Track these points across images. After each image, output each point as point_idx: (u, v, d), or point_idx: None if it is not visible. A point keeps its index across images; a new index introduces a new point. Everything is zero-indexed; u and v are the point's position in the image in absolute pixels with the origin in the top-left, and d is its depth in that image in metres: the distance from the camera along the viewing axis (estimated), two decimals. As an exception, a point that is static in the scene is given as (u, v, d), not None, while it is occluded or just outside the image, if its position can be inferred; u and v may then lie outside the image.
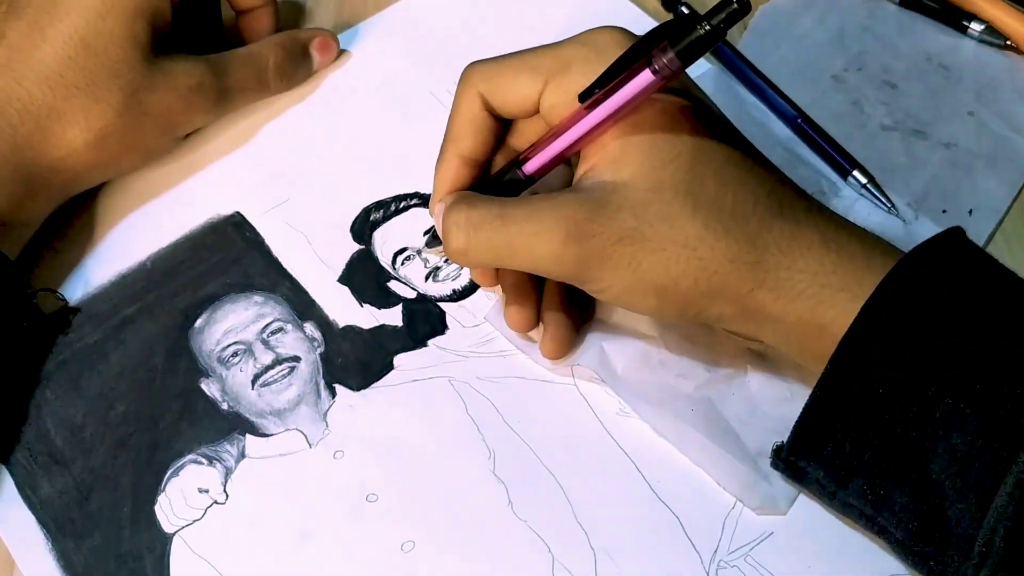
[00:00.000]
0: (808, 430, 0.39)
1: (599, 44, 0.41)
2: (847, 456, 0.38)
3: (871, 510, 0.38)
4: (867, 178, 0.51)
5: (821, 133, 0.53)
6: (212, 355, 0.47)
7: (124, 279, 0.49)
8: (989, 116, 0.54)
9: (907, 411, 0.36)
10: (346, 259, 0.50)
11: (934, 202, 0.51)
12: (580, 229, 0.38)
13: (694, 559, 0.42)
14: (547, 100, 0.41)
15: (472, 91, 0.43)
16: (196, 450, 0.45)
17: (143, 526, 0.43)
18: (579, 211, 0.38)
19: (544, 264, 0.39)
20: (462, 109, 0.43)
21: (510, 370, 0.47)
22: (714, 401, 0.45)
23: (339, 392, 0.46)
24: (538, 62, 0.41)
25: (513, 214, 0.39)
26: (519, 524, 0.43)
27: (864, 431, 0.37)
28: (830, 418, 0.38)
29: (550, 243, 0.38)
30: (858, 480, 0.38)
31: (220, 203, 0.52)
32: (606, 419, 0.45)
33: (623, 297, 0.40)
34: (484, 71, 0.43)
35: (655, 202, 0.38)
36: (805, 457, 0.39)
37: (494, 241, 0.40)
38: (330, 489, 0.44)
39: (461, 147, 0.43)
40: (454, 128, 0.43)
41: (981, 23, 0.56)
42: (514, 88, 0.42)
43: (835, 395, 0.38)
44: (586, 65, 0.40)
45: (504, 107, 0.43)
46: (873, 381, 0.37)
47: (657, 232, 0.38)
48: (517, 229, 0.39)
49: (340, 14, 0.59)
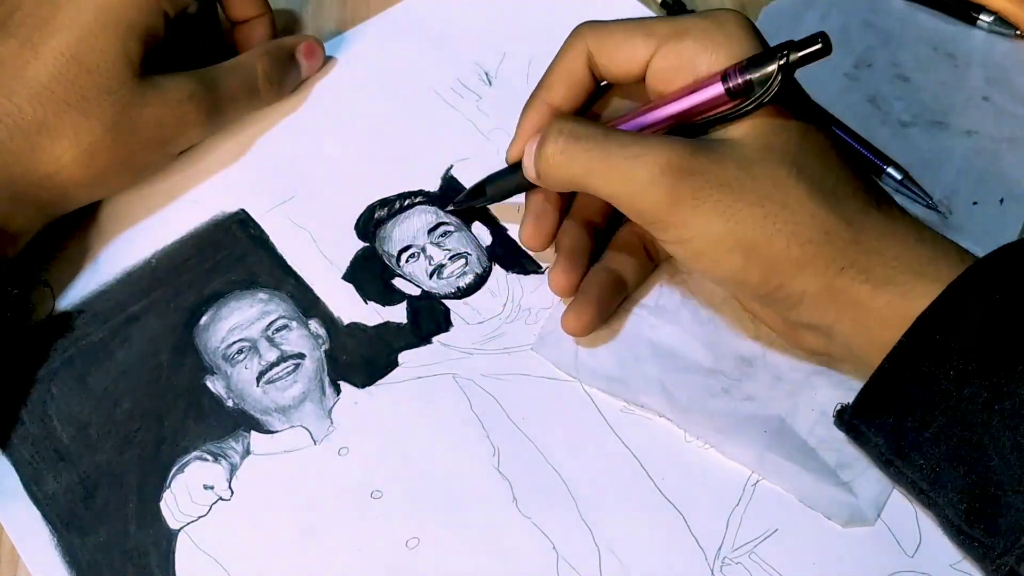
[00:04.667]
0: (873, 398, 0.39)
1: (719, 18, 0.40)
2: (908, 430, 0.38)
3: (926, 485, 0.39)
4: (902, 174, 0.51)
5: (850, 132, 0.52)
6: (217, 352, 0.47)
7: (129, 277, 0.50)
8: (1005, 99, 0.54)
9: (976, 397, 0.36)
10: (351, 256, 0.50)
11: (964, 194, 0.51)
12: (684, 162, 0.38)
13: (698, 556, 0.42)
14: (657, 63, 0.41)
15: (580, 45, 0.43)
16: (201, 447, 0.45)
17: (148, 522, 0.43)
18: (685, 147, 0.38)
19: (635, 189, 0.38)
20: (564, 61, 0.43)
21: (515, 367, 0.47)
22: (784, 418, 0.44)
23: (344, 389, 0.46)
24: (654, 26, 0.41)
25: (618, 136, 0.39)
26: (523, 521, 0.43)
27: (928, 409, 0.37)
28: (896, 390, 0.38)
29: (648, 167, 0.38)
30: (916, 454, 0.38)
31: (225, 201, 0.52)
32: (610, 416, 0.45)
33: (707, 250, 0.39)
34: (597, 28, 0.43)
35: (762, 162, 0.38)
36: (866, 423, 0.39)
37: (593, 153, 0.39)
38: (335, 486, 0.44)
39: (554, 96, 0.44)
40: (551, 77, 0.44)
41: (990, 14, 0.56)
42: (625, 48, 0.42)
43: (904, 368, 0.37)
44: (704, 34, 0.40)
45: (610, 65, 0.42)
46: (945, 362, 0.36)
47: (759, 187, 0.38)
48: (619, 148, 0.39)
49: (343, 13, 0.59)
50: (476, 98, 0.55)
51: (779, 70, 0.37)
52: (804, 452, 0.43)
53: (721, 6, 0.58)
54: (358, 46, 0.58)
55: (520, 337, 0.48)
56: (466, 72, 0.56)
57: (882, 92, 0.55)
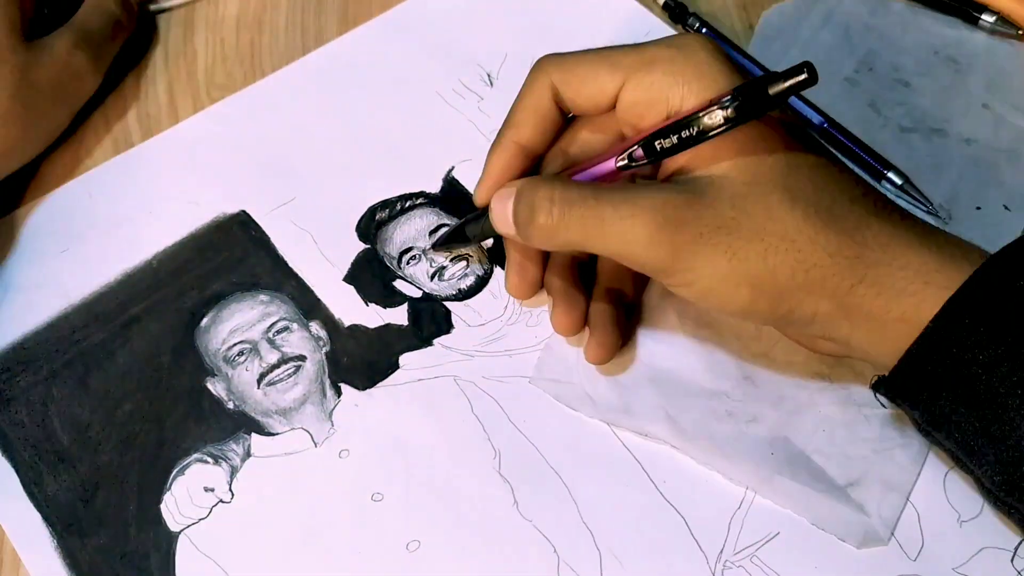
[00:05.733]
0: (905, 376, 0.38)
1: (686, 47, 0.40)
2: (941, 406, 0.38)
3: (962, 455, 0.39)
4: (902, 179, 0.50)
5: (851, 137, 0.52)
6: (218, 354, 0.47)
7: (130, 278, 0.50)
8: (1005, 108, 0.54)
9: (1006, 379, 0.36)
10: (352, 258, 0.50)
11: (965, 200, 0.51)
12: (678, 214, 0.38)
13: (700, 559, 0.42)
14: (627, 97, 0.41)
15: (544, 80, 0.42)
16: (202, 449, 0.45)
17: (149, 525, 0.43)
18: (677, 198, 0.38)
19: (635, 248, 0.38)
20: (530, 97, 0.43)
21: (516, 369, 0.47)
22: (791, 439, 0.44)
23: (344, 391, 0.46)
24: (619, 58, 0.41)
25: (607, 196, 0.39)
26: (524, 524, 0.43)
27: (959, 390, 0.37)
28: (925, 373, 0.38)
29: (645, 226, 0.38)
30: (951, 428, 0.38)
31: (226, 202, 0.52)
32: (603, 421, 0.45)
33: (714, 289, 0.39)
34: (560, 62, 0.42)
35: (753, 195, 0.38)
36: (900, 397, 0.39)
37: (586, 219, 0.39)
38: (335, 488, 0.44)
39: (521, 134, 0.43)
40: (518, 114, 0.43)
41: (992, 14, 0.56)
42: (590, 81, 0.41)
43: (933, 352, 0.37)
44: (671, 65, 0.39)
45: (576, 99, 0.42)
46: (974, 346, 0.36)
47: (756, 222, 0.37)
48: (612, 210, 0.38)
49: (345, 14, 0.59)
50: (478, 99, 0.55)
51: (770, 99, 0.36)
52: (813, 473, 0.43)
53: (723, 9, 0.58)
54: (359, 47, 0.57)
55: (521, 339, 0.47)
56: (468, 73, 0.56)
57: (883, 97, 0.55)
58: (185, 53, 0.58)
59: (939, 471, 0.43)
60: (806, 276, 0.38)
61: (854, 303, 0.38)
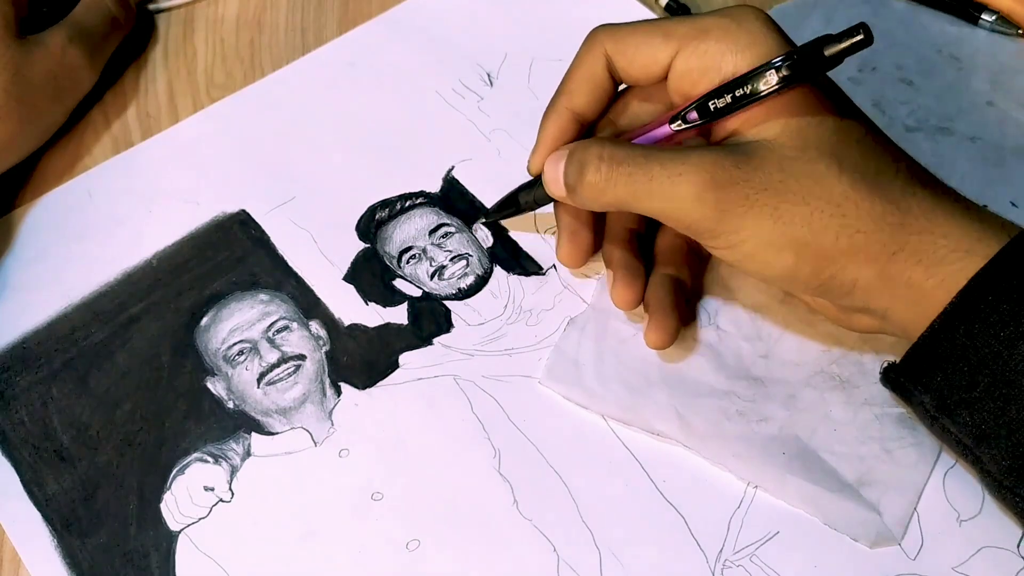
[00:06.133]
0: (921, 356, 0.39)
1: (740, 16, 0.40)
2: (956, 388, 0.38)
3: (971, 441, 0.39)
4: None
5: None
6: (218, 353, 0.47)
7: (130, 277, 0.50)
8: (1009, 105, 0.54)
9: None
10: (351, 257, 0.50)
11: (972, 198, 0.50)
12: (726, 174, 0.38)
13: (699, 558, 0.42)
14: (680, 65, 0.41)
15: (598, 48, 0.42)
16: (202, 448, 0.45)
17: (149, 524, 0.43)
18: (726, 158, 0.38)
19: (682, 206, 0.39)
20: (583, 65, 0.43)
21: (516, 368, 0.47)
22: (801, 437, 0.44)
23: (344, 390, 0.46)
24: (673, 28, 0.41)
25: (657, 155, 0.39)
26: (524, 523, 0.43)
27: (978, 368, 0.37)
28: (946, 349, 0.38)
29: (693, 184, 0.38)
30: (963, 411, 0.38)
31: (226, 201, 0.52)
32: (614, 421, 0.45)
33: (758, 252, 0.39)
34: (613, 31, 0.42)
35: (801, 159, 0.38)
36: (913, 381, 0.39)
37: (635, 176, 0.39)
38: (335, 487, 0.44)
39: (575, 101, 0.43)
40: (571, 82, 0.43)
41: (992, 14, 0.56)
42: (644, 50, 0.41)
43: (955, 328, 0.37)
44: (725, 33, 0.40)
45: (630, 68, 0.42)
46: (996, 323, 0.36)
47: (803, 186, 0.38)
48: (660, 168, 0.39)
49: (345, 13, 0.59)
50: (477, 99, 0.55)
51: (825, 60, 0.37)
52: (825, 472, 0.43)
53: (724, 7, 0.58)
54: (359, 47, 0.57)
55: (521, 339, 0.47)
56: (467, 73, 0.56)
57: (887, 96, 0.55)
58: (185, 52, 0.58)
59: (939, 471, 0.43)
60: (850, 241, 0.38)
61: (895, 270, 0.38)
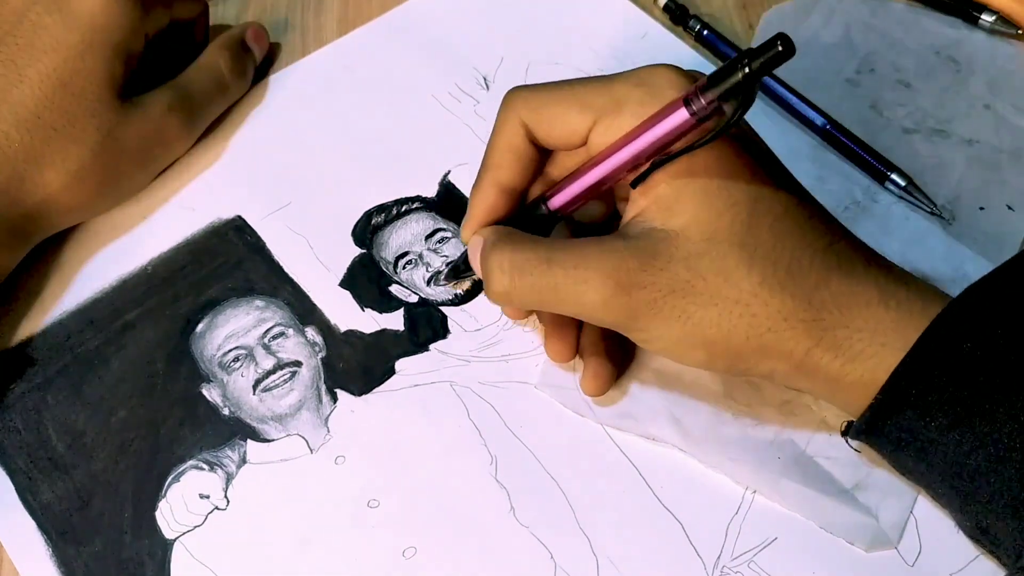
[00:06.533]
0: (865, 435, 0.38)
1: (654, 85, 0.39)
2: (905, 460, 0.38)
3: (933, 502, 0.39)
4: (906, 180, 0.50)
5: (853, 139, 0.52)
6: (213, 360, 0.47)
7: (125, 284, 0.49)
8: (1006, 109, 0.54)
9: (960, 444, 0.36)
10: (347, 263, 0.50)
11: (968, 201, 0.51)
12: (630, 279, 0.37)
13: (697, 565, 0.42)
14: (596, 139, 0.40)
15: (515, 119, 0.41)
16: (197, 456, 0.45)
17: (144, 532, 0.43)
18: (629, 260, 0.37)
19: (591, 311, 0.38)
20: (503, 137, 0.42)
21: (512, 375, 0.46)
22: (797, 442, 0.44)
23: (340, 397, 0.46)
24: (589, 99, 0.40)
25: (560, 259, 0.38)
26: (521, 530, 0.43)
27: (919, 452, 0.37)
28: (885, 433, 0.38)
29: (598, 291, 0.37)
30: (918, 479, 0.39)
31: (221, 207, 0.52)
32: (610, 426, 0.45)
33: (671, 349, 0.39)
34: (529, 100, 0.41)
35: (709, 254, 0.37)
36: (873, 445, 0.39)
37: (539, 286, 0.39)
38: (331, 495, 0.44)
39: (499, 176, 0.42)
40: (494, 156, 0.42)
41: (992, 14, 0.56)
42: (561, 122, 0.40)
43: (888, 417, 0.37)
44: (640, 107, 0.38)
45: (548, 139, 0.41)
46: (925, 414, 0.36)
47: (710, 286, 0.37)
48: (564, 275, 0.38)
49: (345, 15, 0.59)
50: (474, 103, 0.55)
51: (744, 79, 0.34)
52: (820, 476, 0.43)
53: (723, 10, 0.58)
54: (354, 51, 0.57)
55: (518, 345, 0.47)
56: (464, 77, 0.56)
57: (884, 98, 0.54)
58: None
59: (938, 476, 0.43)
60: (760, 340, 0.37)
61: (811, 364, 0.38)
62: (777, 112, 0.54)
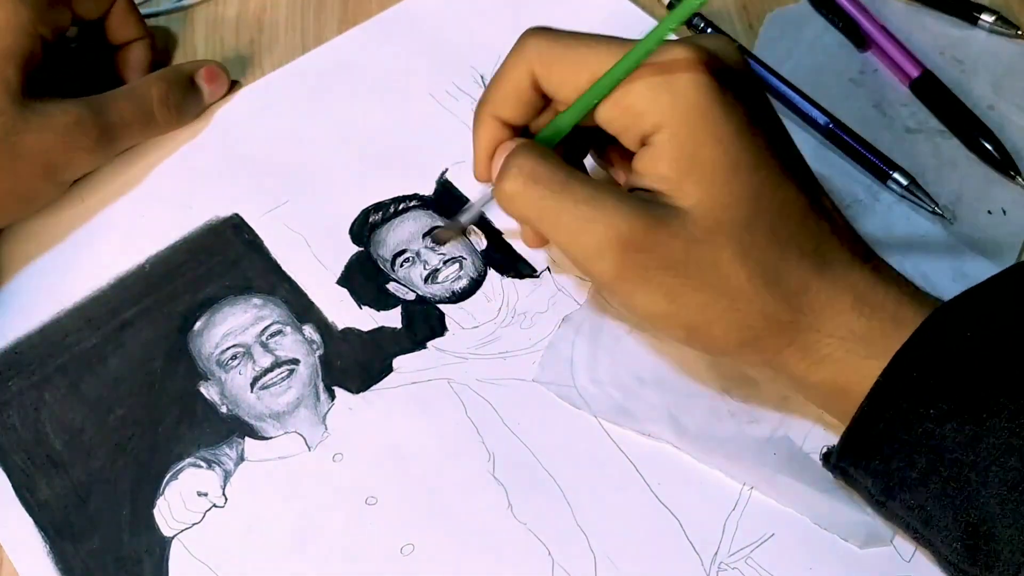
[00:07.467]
0: (856, 441, 0.38)
1: (670, 73, 0.38)
2: (895, 471, 0.38)
3: (919, 525, 0.38)
4: (908, 179, 0.50)
5: (856, 138, 0.52)
6: (211, 358, 0.47)
7: (122, 282, 0.49)
8: (1010, 109, 0.53)
9: (958, 435, 0.36)
10: (345, 261, 0.50)
11: (970, 201, 0.51)
12: (634, 237, 0.37)
13: (695, 561, 0.42)
14: (604, 114, 0.39)
15: (525, 67, 0.41)
16: (195, 453, 0.45)
17: (142, 529, 0.43)
18: (639, 220, 0.37)
19: (583, 253, 0.38)
20: (510, 80, 0.41)
21: (510, 372, 0.46)
22: (793, 439, 0.44)
23: (338, 395, 0.46)
24: (604, 69, 0.38)
25: (575, 189, 0.38)
26: (519, 527, 0.43)
27: (913, 449, 0.37)
28: (878, 432, 0.37)
29: (599, 237, 0.37)
30: (906, 494, 0.38)
31: (219, 205, 0.52)
32: (606, 421, 0.45)
33: (651, 321, 0.39)
34: (543, 54, 0.40)
35: (707, 244, 0.37)
36: (853, 465, 0.39)
37: (545, 203, 0.38)
38: (329, 492, 0.44)
39: (499, 112, 0.42)
40: (496, 96, 0.42)
41: (992, 14, 0.56)
42: (572, 85, 0.40)
43: (884, 411, 0.37)
44: (649, 90, 0.38)
45: (556, 96, 0.41)
46: (924, 402, 0.36)
47: (703, 273, 0.37)
48: (573, 206, 0.38)
49: (345, 13, 0.59)
50: (471, 101, 0.55)
51: None
52: (816, 473, 0.43)
53: (723, 10, 0.58)
54: (352, 49, 0.57)
55: (515, 342, 0.47)
56: (462, 75, 0.56)
57: (887, 98, 0.54)
58: (185, 52, 0.58)
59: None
60: (739, 335, 0.38)
61: (780, 362, 0.39)
62: (780, 110, 0.54)
